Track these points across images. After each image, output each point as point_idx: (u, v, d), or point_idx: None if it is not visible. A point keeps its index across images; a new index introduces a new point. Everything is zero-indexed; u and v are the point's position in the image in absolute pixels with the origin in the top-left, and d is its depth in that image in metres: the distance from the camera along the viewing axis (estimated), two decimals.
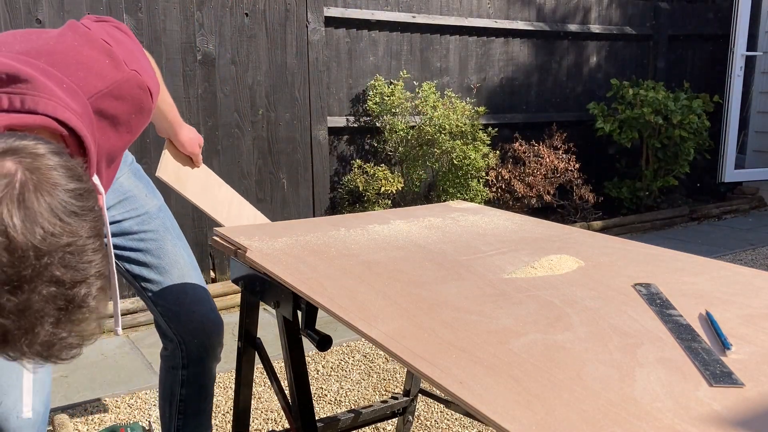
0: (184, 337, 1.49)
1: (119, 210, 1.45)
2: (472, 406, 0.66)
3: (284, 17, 3.51)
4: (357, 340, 2.91)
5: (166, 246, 1.48)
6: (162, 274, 1.46)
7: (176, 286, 1.46)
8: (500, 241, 1.31)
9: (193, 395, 1.54)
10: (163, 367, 1.56)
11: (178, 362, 1.52)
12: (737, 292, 0.99)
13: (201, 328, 1.49)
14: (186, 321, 1.47)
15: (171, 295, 1.46)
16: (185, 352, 1.50)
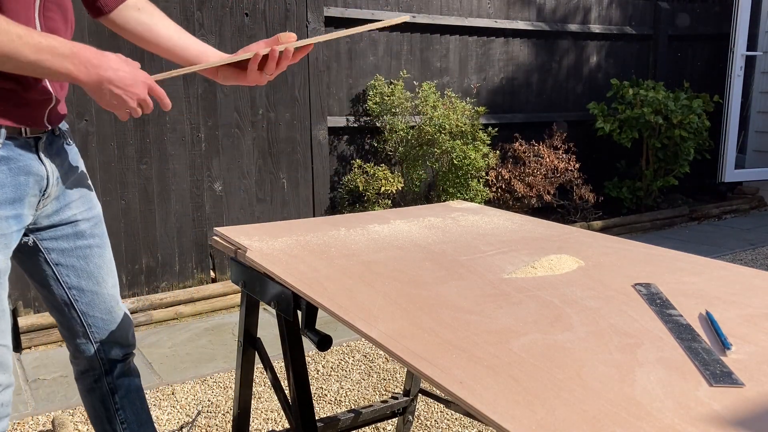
0: (104, 344, 1.43)
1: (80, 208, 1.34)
2: (472, 406, 0.66)
3: (284, 17, 3.51)
4: (357, 340, 2.91)
5: (107, 253, 1.40)
6: (99, 284, 1.38)
7: (110, 296, 1.41)
8: (500, 241, 1.31)
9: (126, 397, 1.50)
10: (85, 388, 1.48)
11: (99, 372, 1.45)
12: (737, 292, 0.99)
13: (123, 333, 1.46)
14: (114, 330, 1.43)
15: (104, 304, 1.40)
16: (105, 361, 1.45)
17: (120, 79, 1.14)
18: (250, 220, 3.54)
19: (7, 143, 1.14)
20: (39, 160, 1.20)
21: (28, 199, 1.19)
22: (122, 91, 1.14)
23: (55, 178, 1.25)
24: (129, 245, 3.20)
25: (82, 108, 3.01)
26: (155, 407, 2.33)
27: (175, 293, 3.25)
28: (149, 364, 2.70)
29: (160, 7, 3.24)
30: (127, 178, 3.16)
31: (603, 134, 4.94)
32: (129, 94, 1.15)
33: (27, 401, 2.38)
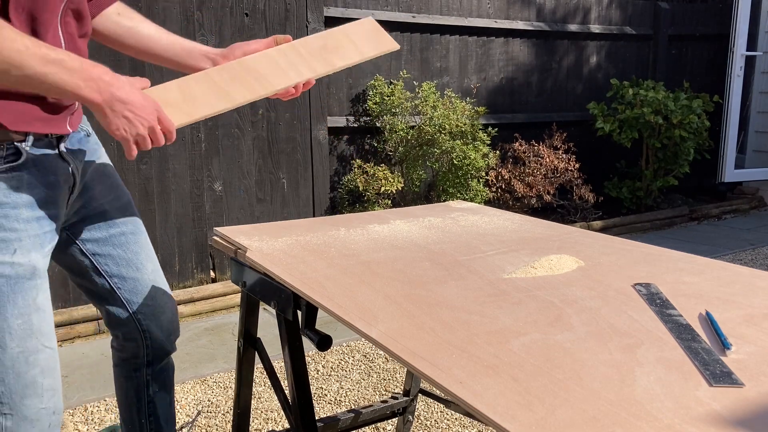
0: (151, 333, 1.43)
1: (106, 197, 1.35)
2: (472, 406, 0.66)
3: (284, 17, 3.51)
4: (357, 340, 2.91)
5: (142, 239, 1.40)
6: (139, 270, 1.39)
7: (151, 280, 1.41)
8: (500, 241, 1.31)
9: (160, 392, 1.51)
10: (122, 375, 1.48)
11: (141, 362, 1.45)
12: (737, 292, 0.99)
13: (170, 320, 1.45)
14: (159, 315, 1.43)
15: (147, 290, 1.40)
16: (150, 348, 1.44)
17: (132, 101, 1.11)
18: (250, 220, 3.54)
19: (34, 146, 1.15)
20: (62, 158, 1.22)
21: (59, 198, 1.21)
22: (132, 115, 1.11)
23: (79, 172, 1.26)
24: None
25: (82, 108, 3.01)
26: None
27: (175, 293, 3.25)
28: None
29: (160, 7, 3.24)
30: (127, 178, 3.16)
31: (603, 134, 4.94)
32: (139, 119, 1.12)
33: None
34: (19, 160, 1.12)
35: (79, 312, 2.99)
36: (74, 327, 2.97)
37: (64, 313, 2.96)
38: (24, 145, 1.13)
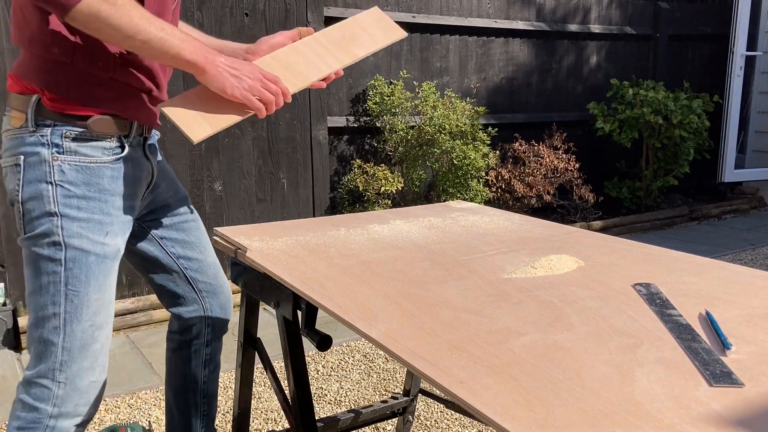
0: (213, 312, 1.55)
1: (168, 192, 1.49)
2: (472, 406, 0.66)
3: (284, 17, 3.52)
4: (357, 340, 2.91)
5: (202, 227, 1.56)
6: (203, 252, 1.52)
7: (212, 262, 1.55)
8: (500, 241, 1.31)
9: (213, 372, 1.62)
10: (181, 358, 1.59)
11: (202, 341, 1.57)
12: (737, 292, 0.99)
13: (227, 299, 1.58)
14: (219, 294, 1.56)
15: (210, 271, 1.54)
16: (210, 327, 1.56)
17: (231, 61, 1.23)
18: (250, 220, 3.54)
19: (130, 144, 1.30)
20: (146, 156, 1.36)
21: (140, 192, 1.35)
22: (237, 71, 1.22)
23: (155, 170, 1.40)
24: None
25: None
26: (155, 407, 2.33)
27: None
28: (149, 364, 2.70)
29: None
30: None
31: (603, 134, 4.94)
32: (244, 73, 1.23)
33: None
34: (122, 153, 1.28)
35: None
36: None
37: None
38: (126, 140, 1.28)
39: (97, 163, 1.24)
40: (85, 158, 1.23)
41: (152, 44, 1.14)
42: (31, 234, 1.22)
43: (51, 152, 1.21)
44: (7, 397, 2.41)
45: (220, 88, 1.22)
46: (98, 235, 1.24)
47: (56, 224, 1.21)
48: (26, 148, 1.21)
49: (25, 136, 1.21)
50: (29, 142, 1.21)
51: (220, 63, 1.21)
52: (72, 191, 1.22)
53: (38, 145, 1.20)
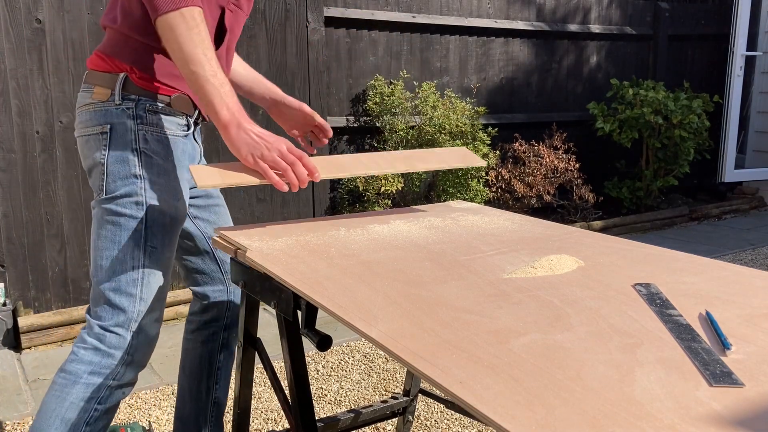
0: (235, 297, 1.64)
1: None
2: (472, 406, 0.66)
3: (284, 17, 3.52)
4: (357, 340, 2.91)
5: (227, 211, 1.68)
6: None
7: None
8: (500, 241, 1.31)
9: (227, 358, 1.68)
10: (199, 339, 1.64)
11: (221, 324, 1.63)
12: (737, 292, 0.99)
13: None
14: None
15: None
16: (230, 311, 1.64)
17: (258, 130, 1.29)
18: (250, 220, 3.54)
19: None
20: (195, 140, 1.51)
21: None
22: (258, 138, 1.27)
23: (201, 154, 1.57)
24: None
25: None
26: (155, 407, 2.34)
27: (175, 293, 3.25)
28: (149, 364, 2.70)
29: None
30: None
31: (603, 134, 4.95)
32: (264, 142, 1.27)
33: (27, 401, 2.38)
34: (190, 130, 1.45)
35: (79, 312, 2.99)
36: (74, 327, 2.97)
37: (64, 313, 2.96)
38: (191, 120, 1.45)
39: (173, 135, 1.40)
40: (163, 130, 1.39)
41: (197, 79, 1.23)
42: (114, 194, 1.34)
43: (136, 123, 1.35)
44: (6, 397, 2.41)
45: (234, 149, 1.28)
46: (173, 200, 1.40)
47: (140, 186, 1.35)
48: (113, 119, 1.35)
49: (110, 108, 1.35)
50: (116, 113, 1.35)
51: (245, 128, 1.27)
52: (153, 158, 1.36)
53: (124, 117, 1.35)
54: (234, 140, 1.27)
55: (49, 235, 2.99)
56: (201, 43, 1.23)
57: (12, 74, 2.84)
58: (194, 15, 1.23)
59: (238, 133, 1.27)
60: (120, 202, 1.34)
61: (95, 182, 1.36)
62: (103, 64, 1.38)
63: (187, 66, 1.23)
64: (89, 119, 1.37)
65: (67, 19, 2.92)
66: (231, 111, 1.26)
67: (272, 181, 1.27)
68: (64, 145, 2.98)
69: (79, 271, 3.08)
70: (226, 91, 1.26)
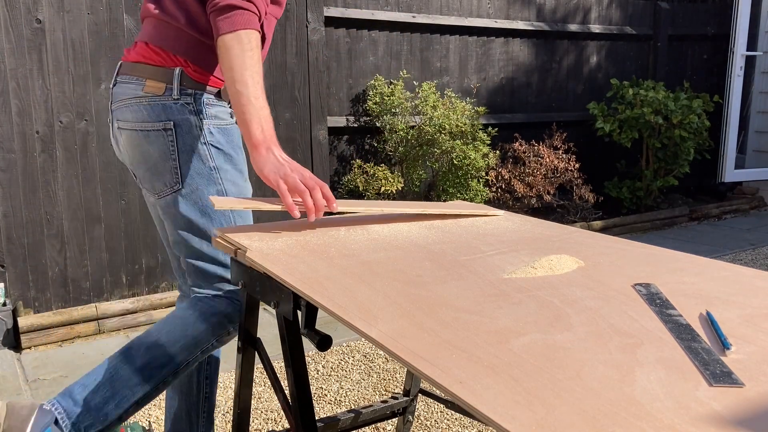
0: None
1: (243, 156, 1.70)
2: (472, 406, 0.66)
3: (284, 17, 3.51)
4: (357, 340, 2.91)
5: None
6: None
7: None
8: (500, 241, 1.31)
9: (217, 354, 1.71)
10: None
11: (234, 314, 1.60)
12: (737, 292, 0.99)
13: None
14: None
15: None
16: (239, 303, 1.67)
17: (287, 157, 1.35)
18: None
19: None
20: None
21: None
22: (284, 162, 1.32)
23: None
24: (129, 245, 3.20)
25: (82, 108, 3.01)
26: (155, 407, 2.33)
27: (175, 293, 3.25)
28: None
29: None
30: (127, 178, 3.16)
31: (603, 134, 4.94)
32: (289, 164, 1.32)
33: None
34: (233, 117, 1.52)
35: (79, 312, 2.99)
36: (74, 327, 2.97)
37: (64, 313, 2.96)
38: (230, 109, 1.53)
39: (230, 124, 1.51)
40: (222, 121, 1.49)
41: (240, 98, 1.31)
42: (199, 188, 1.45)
43: (198, 118, 1.44)
44: (6, 397, 2.41)
45: (258, 168, 1.32)
46: (242, 181, 1.53)
47: (217, 177, 1.47)
48: (176, 116, 1.42)
49: (168, 103, 1.41)
50: (176, 109, 1.42)
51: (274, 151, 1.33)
52: (221, 149, 1.47)
53: (186, 113, 1.42)
54: (261, 160, 1.32)
55: (49, 235, 2.99)
56: (251, 67, 1.30)
57: (12, 74, 2.83)
58: (251, 38, 1.30)
59: (267, 155, 1.32)
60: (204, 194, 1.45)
61: (164, 177, 1.43)
62: (156, 58, 1.42)
63: (234, 85, 1.30)
64: (147, 114, 1.41)
65: (67, 19, 2.92)
66: (264, 133, 1.33)
67: (286, 202, 1.29)
68: (64, 145, 2.98)
69: (79, 271, 3.08)
70: (265, 115, 1.34)
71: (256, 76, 1.32)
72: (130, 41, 3.07)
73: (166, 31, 1.43)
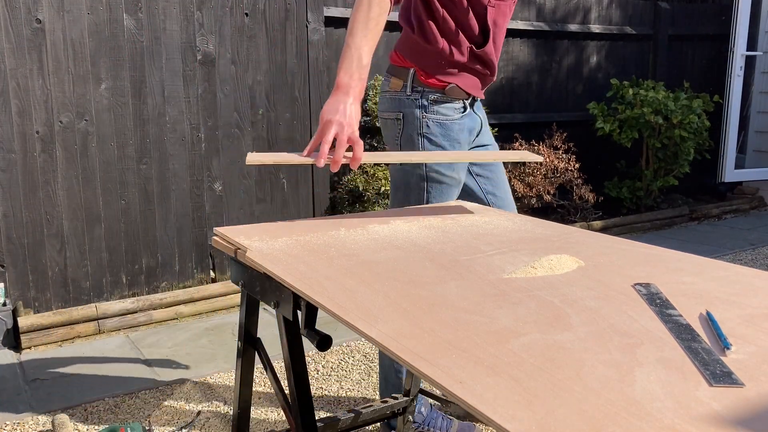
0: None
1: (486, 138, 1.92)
2: (472, 406, 0.66)
3: (284, 17, 3.51)
4: (357, 340, 2.91)
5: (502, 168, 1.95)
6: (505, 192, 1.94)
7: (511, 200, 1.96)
8: (500, 241, 1.31)
9: None
10: None
11: None
12: (737, 292, 0.99)
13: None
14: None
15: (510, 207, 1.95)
16: None
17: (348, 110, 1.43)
18: (250, 220, 3.54)
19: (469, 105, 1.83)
20: (475, 113, 1.85)
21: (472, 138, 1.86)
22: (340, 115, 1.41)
23: (480, 124, 1.87)
24: (129, 245, 3.20)
25: (82, 108, 3.01)
26: (155, 407, 2.34)
27: (175, 293, 3.25)
28: (149, 364, 2.70)
29: (160, 7, 3.24)
30: (127, 178, 3.16)
31: (603, 134, 4.94)
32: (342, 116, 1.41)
33: (27, 401, 2.38)
34: (465, 112, 1.81)
35: (79, 312, 2.99)
36: (74, 327, 2.97)
37: (64, 313, 2.96)
38: (467, 102, 1.81)
39: (450, 119, 1.77)
40: (442, 116, 1.76)
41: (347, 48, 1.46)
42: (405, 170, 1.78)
43: (421, 112, 1.75)
44: (6, 397, 2.41)
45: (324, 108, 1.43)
46: (447, 170, 1.77)
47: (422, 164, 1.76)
48: (405, 108, 1.76)
49: (402, 98, 1.77)
50: (407, 103, 1.76)
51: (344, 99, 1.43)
52: (433, 140, 1.76)
53: (413, 107, 1.75)
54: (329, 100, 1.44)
55: (49, 235, 2.99)
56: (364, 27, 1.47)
57: (12, 74, 2.83)
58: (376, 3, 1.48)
59: (335, 98, 1.43)
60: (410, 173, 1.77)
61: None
62: (397, 59, 1.78)
63: (347, 37, 1.47)
64: (388, 106, 1.80)
65: (67, 19, 2.92)
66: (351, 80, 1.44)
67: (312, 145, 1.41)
68: (64, 145, 2.98)
69: (79, 271, 3.08)
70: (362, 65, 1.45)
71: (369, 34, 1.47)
72: (131, 41, 3.07)
73: (404, 38, 1.77)
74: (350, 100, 1.43)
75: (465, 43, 1.73)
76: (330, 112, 1.41)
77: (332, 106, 1.41)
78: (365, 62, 1.46)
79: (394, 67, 1.79)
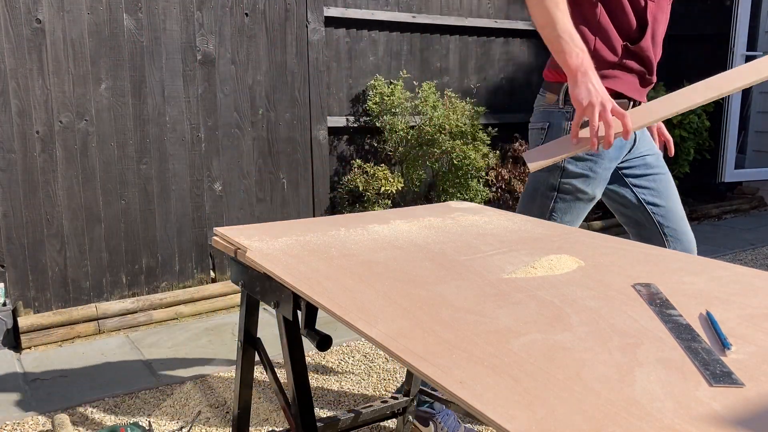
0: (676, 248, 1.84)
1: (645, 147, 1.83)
2: (472, 406, 0.66)
3: (284, 17, 3.51)
4: (357, 340, 2.91)
5: (670, 179, 1.86)
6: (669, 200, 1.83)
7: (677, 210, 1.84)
8: (500, 241, 1.31)
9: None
10: None
11: None
12: (737, 292, 0.99)
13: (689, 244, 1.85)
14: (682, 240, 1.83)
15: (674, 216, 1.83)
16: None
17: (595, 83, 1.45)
18: (250, 220, 3.54)
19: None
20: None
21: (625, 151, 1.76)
22: (593, 89, 1.43)
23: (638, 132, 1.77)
24: (129, 245, 3.20)
25: (82, 108, 3.01)
26: (155, 407, 2.34)
27: (175, 293, 3.25)
28: (149, 364, 2.70)
29: (160, 7, 3.24)
30: (127, 178, 3.16)
31: None
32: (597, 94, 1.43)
33: (27, 401, 2.38)
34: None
35: (79, 312, 2.99)
36: (74, 327, 2.97)
37: (64, 313, 2.96)
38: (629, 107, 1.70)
39: None
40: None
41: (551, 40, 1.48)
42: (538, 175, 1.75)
43: (568, 124, 1.69)
44: (6, 397, 2.41)
45: (572, 91, 1.47)
46: (583, 185, 1.72)
47: (557, 174, 1.72)
48: (553, 119, 1.74)
49: (554, 111, 1.75)
50: (556, 115, 1.74)
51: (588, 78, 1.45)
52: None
53: (562, 119, 1.72)
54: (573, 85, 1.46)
55: (49, 235, 2.99)
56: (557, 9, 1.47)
57: (12, 74, 2.83)
58: None
59: (581, 80, 1.45)
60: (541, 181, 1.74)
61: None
62: (550, 75, 1.77)
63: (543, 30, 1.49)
64: (538, 118, 1.79)
65: (67, 19, 2.92)
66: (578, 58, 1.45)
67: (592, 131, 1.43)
68: (64, 145, 2.98)
69: (79, 271, 3.08)
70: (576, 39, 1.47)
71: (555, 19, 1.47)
72: (131, 41, 3.07)
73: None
74: (592, 76, 1.45)
75: (619, 41, 1.68)
76: (583, 97, 1.44)
77: (581, 90, 1.44)
78: (576, 35, 1.48)
79: (549, 83, 1.77)
